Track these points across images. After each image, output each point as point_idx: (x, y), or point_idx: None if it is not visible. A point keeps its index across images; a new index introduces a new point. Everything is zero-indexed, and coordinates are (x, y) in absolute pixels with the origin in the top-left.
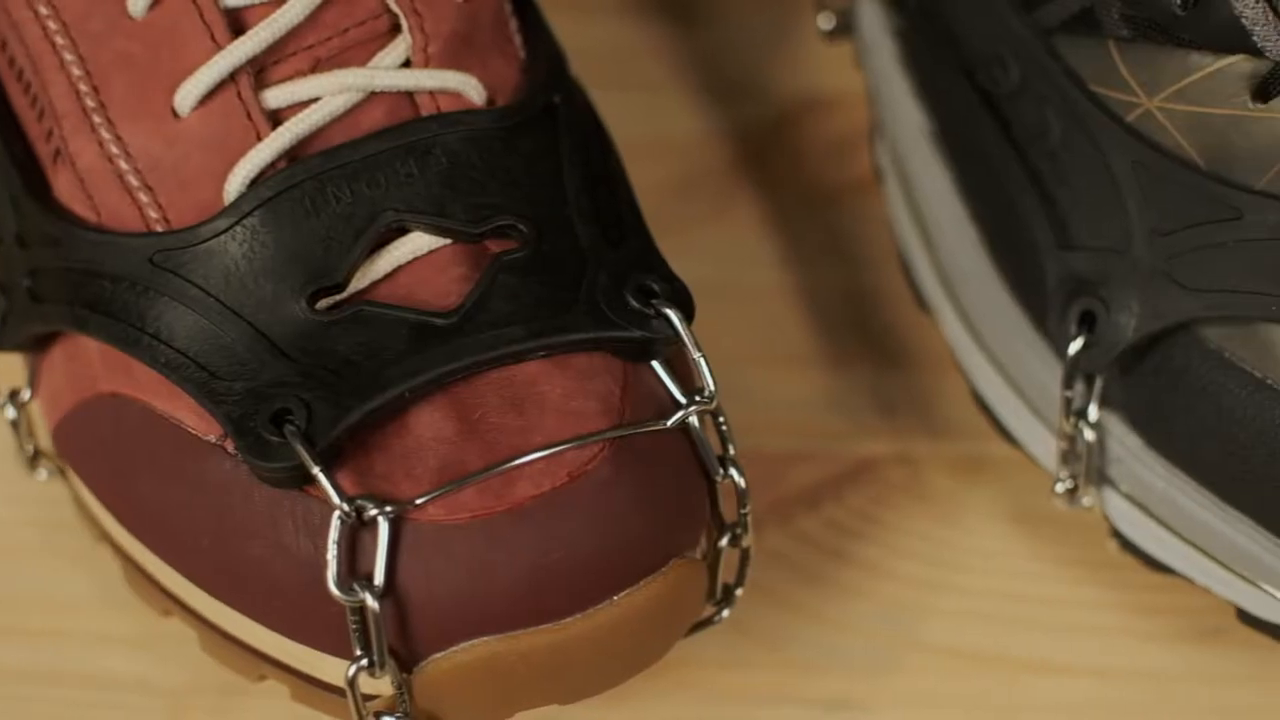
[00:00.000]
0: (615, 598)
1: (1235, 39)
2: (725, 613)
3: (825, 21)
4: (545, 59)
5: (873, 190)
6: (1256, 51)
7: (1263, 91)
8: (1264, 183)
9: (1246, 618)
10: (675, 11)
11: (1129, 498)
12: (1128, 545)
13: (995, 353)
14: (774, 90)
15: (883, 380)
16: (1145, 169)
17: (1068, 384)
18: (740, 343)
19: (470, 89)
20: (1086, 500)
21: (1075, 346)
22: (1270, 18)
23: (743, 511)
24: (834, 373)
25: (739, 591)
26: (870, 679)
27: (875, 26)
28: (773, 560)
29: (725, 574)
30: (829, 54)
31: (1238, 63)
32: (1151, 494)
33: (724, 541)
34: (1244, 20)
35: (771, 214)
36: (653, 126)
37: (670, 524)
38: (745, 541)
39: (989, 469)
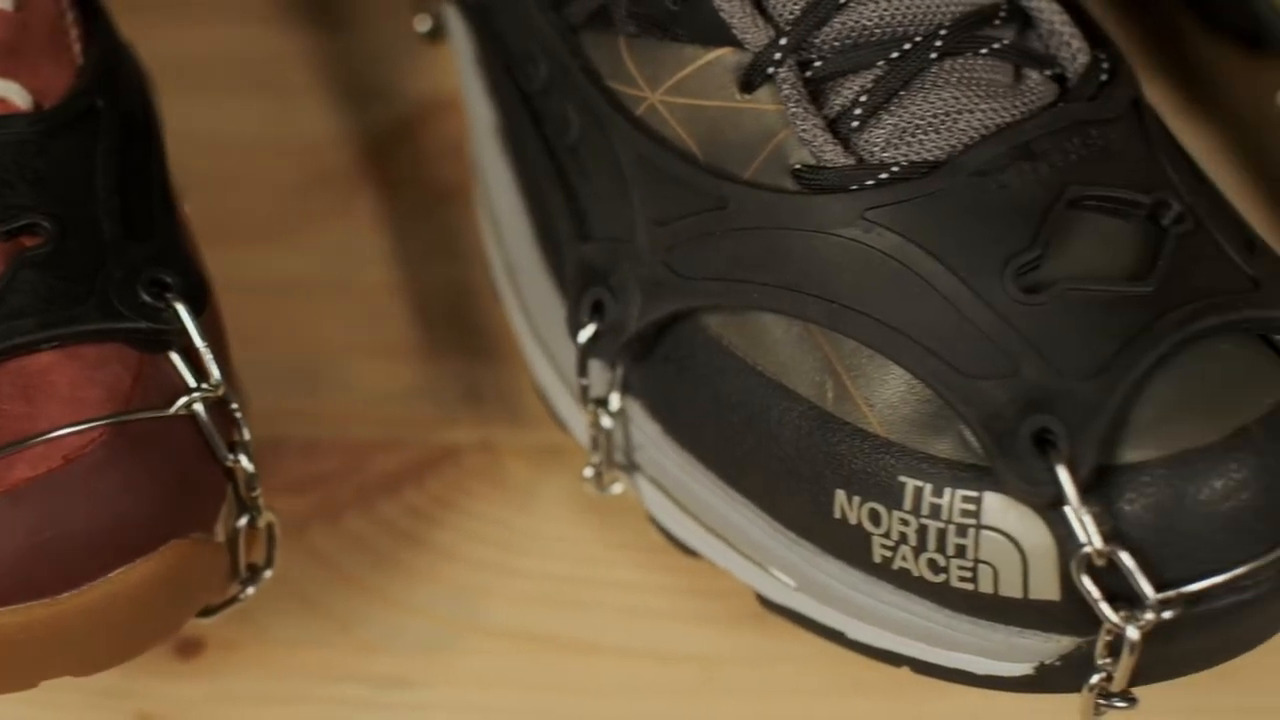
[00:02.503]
0: (110, 575)
1: (719, 32)
2: (250, 590)
3: (422, 24)
4: (99, 64)
5: None
6: (738, 44)
7: (746, 83)
8: (751, 172)
9: (765, 602)
10: (314, 17)
11: (655, 483)
12: (661, 530)
13: (547, 343)
14: (402, 92)
15: (472, 371)
16: (648, 161)
17: (581, 372)
18: (347, 336)
19: (14, 95)
20: (616, 487)
21: (585, 335)
22: (748, 10)
23: (253, 494)
24: (428, 364)
25: (268, 573)
26: (427, 658)
27: (458, 29)
28: (352, 544)
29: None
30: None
31: (724, 55)
32: (671, 480)
33: (242, 523)
34: (723, 14)
35: (389, 212)
36: (284, 128)
37: (169, 506)
38: (262, 523)
39: (564, 457)
